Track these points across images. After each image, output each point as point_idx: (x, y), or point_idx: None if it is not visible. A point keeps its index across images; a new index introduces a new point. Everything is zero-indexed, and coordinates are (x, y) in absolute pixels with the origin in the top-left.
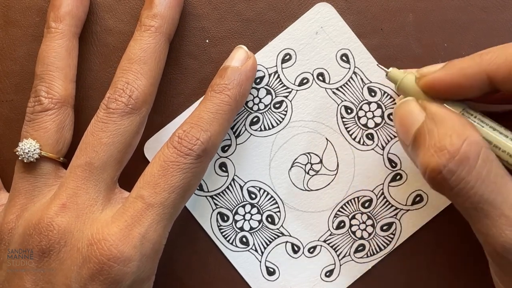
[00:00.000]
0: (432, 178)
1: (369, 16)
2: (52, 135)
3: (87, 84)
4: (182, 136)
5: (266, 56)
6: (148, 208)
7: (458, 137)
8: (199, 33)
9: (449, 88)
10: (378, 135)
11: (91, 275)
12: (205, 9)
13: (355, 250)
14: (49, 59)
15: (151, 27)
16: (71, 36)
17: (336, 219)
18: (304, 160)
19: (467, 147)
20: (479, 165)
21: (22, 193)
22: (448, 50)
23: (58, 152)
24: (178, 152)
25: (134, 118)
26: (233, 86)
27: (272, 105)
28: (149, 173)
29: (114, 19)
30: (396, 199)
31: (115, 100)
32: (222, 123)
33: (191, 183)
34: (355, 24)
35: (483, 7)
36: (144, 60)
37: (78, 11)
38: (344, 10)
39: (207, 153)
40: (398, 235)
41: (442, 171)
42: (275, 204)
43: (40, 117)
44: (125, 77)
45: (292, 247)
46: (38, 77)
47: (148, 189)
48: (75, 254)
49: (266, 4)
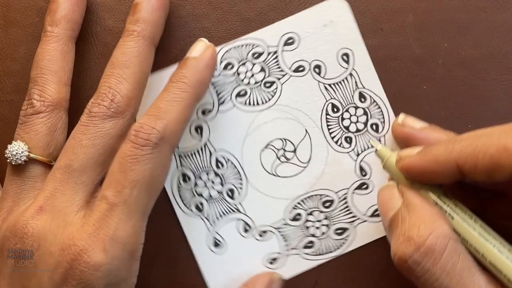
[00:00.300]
0: (398, 266)
1: (369, 16)
2: (42, 137)
3: (87, 84)
4: (138, 128)
5: (270, 34)
6: (112, 208)
7: (426, 228)
8: (199, 33)
9: (422, 173)
10: (357, 140)
11: (63, 279)
12: (205, 9)
13: (304, 245)
14: (43, 62)
15: (134, 31)
16: (67, 40)
17: (294, 210)
18: (278, 144)
19: (433, 239)
20: (444, 258)
21: (10, 196)
22: (448, 50)
23: (49, 155)
24: (135, 145)
25: (117, 121)
26: (190, 74)
27: (263, 83)
28: (109, 172)
29: (114, 19)
30: (357, 207)
31: (97, 105)
32: (179, 109)
33: (153, 175)
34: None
35: (483, 7)
36: (126, 64)
37: (74, 15)
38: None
39: (165, 141)
40: (350, 242)
41: (407, 261)
42: (239, 179)
43: (32, 120)
44: (107, 82)
45: (244, 226)
46: (32, 80)
47: (110, 189)
48: (48, 259)
49: (266, 4)
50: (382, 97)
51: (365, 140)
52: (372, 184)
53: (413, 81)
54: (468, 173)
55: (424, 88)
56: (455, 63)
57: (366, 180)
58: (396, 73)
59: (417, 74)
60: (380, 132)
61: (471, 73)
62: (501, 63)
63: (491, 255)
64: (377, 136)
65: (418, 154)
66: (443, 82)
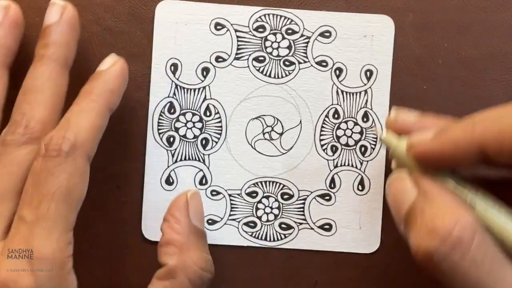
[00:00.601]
0: (423, 261)
1: None
2: None
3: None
4: (47, 141)
5: (311, 19)
6: (31, 227)
7: (451, 218)
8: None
9: (440, 159)
10: (341, 153)
11: None
12: None
13: (246, 222)
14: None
15: (43, 56)
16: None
17: (253, 187)
18: (269, 121)
19: (460, 230)
20: (473, 250)
21: None
22: (448, 50)
23: None
24: (46, 158)
25: (32, 147)
26: (98, 85)
27: (284, 60)
28: (24, 192)
29: (114, 19)
30: (310, 213)
31: (11, 132)
32: (89, 118)
33: (70, 185)
34: None
35: (483, 7)
36: (38, 90)
37: (6, 41)
38: (344, 10)
39: (77, 148)
40: (289, 240)
41: (433, 255)
42: (218, 134)
43: None
44: (20, 109)
45: (201, 179)
46: None
47: (25, 208)
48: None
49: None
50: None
51: (349, 157)
52: (335, 198)
53: (413, 81)
54: (493, 156)
55: (424, 88)
56: (455, 63)
57: (332, 192)
58: (396, 73)
59: (417, 74)
60: (365, 155)
61: (471, 73)
62: (501, 63)
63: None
64: (361, 159)
65: (434, 139)
66: (443, 82)
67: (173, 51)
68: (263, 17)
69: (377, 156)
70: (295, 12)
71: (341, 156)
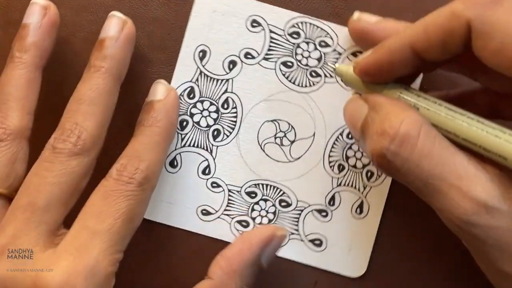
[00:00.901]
0: (379, 164)
1: None
2: (1, 168)
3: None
4: (120, 168)
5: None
6: (94, 237)
7: (396, 118)
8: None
9: (380, 69)
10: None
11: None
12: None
13: (239, 220)
14: (8, 88)
15: (101, 67)
16: (34, 68)
17: (253, 188)
18: (284, 127)
19: (406, 127)
20: (420, 142)
21: None
22: None
23: (8, 187)
24: (118, 182)
25: (82, 159)
26: (162, 118)
27: (311, 71)
28: (90, 203)
29: None
30: (304, 226)
31: (63, 141)
32: (157, 151)
33: (135, 212)
34: None
35: None
36: (94, 101)
37: (44, 43)
38: (344, 10)
39: (148, 181)
40: None
41: (386, 154)
42: (231, 128)
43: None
44: (73, 118)
45: (204, 169)
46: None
47: (91, 219)
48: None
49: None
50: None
51: (354, 177)
52: (331, 216)
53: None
54: (423, 52)
55: (424, 88)
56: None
57: (330, 209)
58: None
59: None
60: (370, 180)
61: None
62: None
63: (461, 130)
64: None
65: (372, 52)
66: (443, 82)
67: (205, 38)
68: (300, 24)
69: (381, 184)
70: (332, 26)
71: (346, 176)
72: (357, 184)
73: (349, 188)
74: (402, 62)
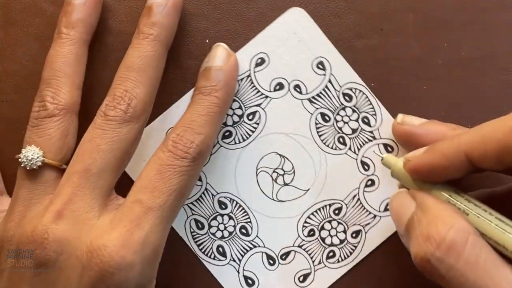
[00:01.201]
0: (422, 267)
1: (369, 16)
2: (55, 142)
3: (86, 84)
4: (176, 139)
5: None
6: (147, 211)
7: (444, 225)
8: (199, 33)
9: (432, 171)
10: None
11: (92, 283)
12: (205, 9)
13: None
14: (58, 64)
15: (150, 35)
16: (82, 43)
17: (227, 200)
18: (287, 167)
19: (453, 234)
20: (467, 252)
21: (21, 201)
22: (448, 50)
23: (61, 159)
24: (174, 156)
25: (132, 126)
26: (220, 87)
27: (340, 136)
28: (145, 177)
29: (114, 19)
30: (247, 261)
31: (113, 108)
32: (214, 124)
33: (188, 186)
34: (355, 24)
35: (483, 7)
36: (142, 68)
37: (90, 18)
38: (344, 10)
39: (202, 155)
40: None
41: (430, 260)
42: (244, 139)
43: (45, 123)
44: (123, 85)
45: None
46: (44, 82)
47: (146, 193)
48: (74, 262)
49: (266, 4)
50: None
51: (317, 249)
52: (276, 267)
53: (413, 81)
54: (478, 162)
55: (424, 88)
56: (455, 63)
57: (279, 262)
58: (396, 73)
59: (417, 74)
60: (327, 260)
61: (471, 73)
62: (501, 63)
63: (510, 243)
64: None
65: (425, 152)
66: (443, 82)
67: (271, 50)
68: (357, 91)
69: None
70: (383, 110)
71: (310, 243)
72: (315, 256)
73: (306, 255)
74: (455, 167)
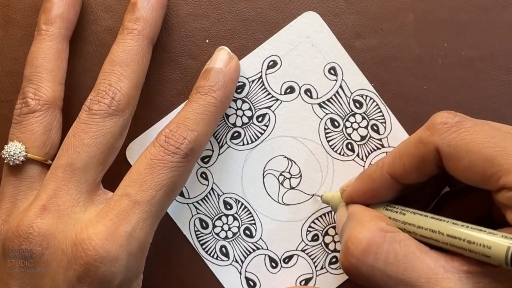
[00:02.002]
0: (347, 271)
1: (369, 16)
2: (38, 137)
3: (86, 84)
4: (169, 135)
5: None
6: (134, 205)
7: (362, 228)
8: (199, 33)
9: (364, 195)
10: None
11: (78, 276)
12: (205, 9)
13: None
14: (38, 60)
15: (134, 30)
16: (62, 39)
17: (232, 200)
18: (294, 171)
19: (369, 235)
20: (385, 250)
21: (7, 197)
22: (448, 50)
23: (45, 154)
24: (165, 151)
25: (117, 120)
26: (218, 88)
27: (349, 142)
28: (135, 171)
29: (114, 19)
30: (250, 263)
31: (97, 102)
32: (208, 123)
33: (178, 182)
34: (355, 24)
35: (483, 7)
36: (126, 63)
37: (69, 14)
38: (344, 10)
39: (194, 153)
40: None
41: (352, 263)
42: (252, 141)
43: (27, 119)
44: (107, 79)
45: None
46: (26, 79)
47: (134, 187)
48: (59, 256)
49: (266, 4)
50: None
51: (320, 254)
52: (278, 270)
53: (413, 81)
54: (402, 179)
55: (424, 88)
56: (455, 63)
57: (282, 265)
58: (396, 73)
59: (417, 74)
60: (330, 266)
61: (471, 73)
62: (501, 63)
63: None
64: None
65: (356, 180)
66: (443, 82)
67: (284, 53)
68: (368, 98)
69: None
70: (393, 119)
71: (314, 248)
72: (318, 261)
73: (309, 259)
74: (384, 188)
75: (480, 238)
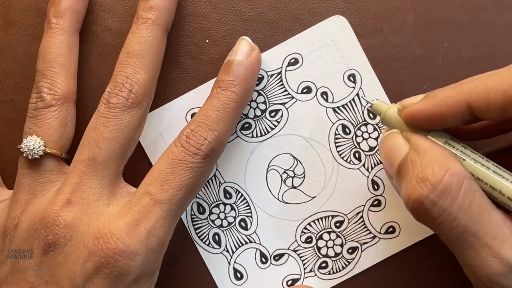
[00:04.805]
0: (414, 209)
1: (369, 16)
2: (55, 131)
3: (86, 84)
4: (189, 135)
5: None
6: (155, 204)
7: (440, 168)
8: (199, 33)
9: (430, 118)
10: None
11: (96, 268)
12: (205, 9)
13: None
14: (51, 55)
15: (148, 19)
16: (72, 32)
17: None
18: (298, 170)
19: (449, 178)
20: (461, 196)
21: (26, 189)
22: (448, 50)
23: (61, 148)
24: (186, 151)
25: (135, 112)
26: (239, 82)
27: (357, 151)
28: (157, 170)
29: (114, 19)
30: (240, 255)
31: (115, 95)
32: (228, 121)
33: (198, 182)
34: (355, 24)
35: (483, 7)
36: (142, 54)
37: (78, 6)
38: (344, 10)
39: (214, 152)
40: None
41: (424, 202)
42: (262, 134)
43: (43, 113)
44: (124, 71)
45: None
46: (39, 73)
47: (156, 186)
48: (80, 248)
49: (266, 4)
50: None
51: (311, 258)
52: (267, 266)
53: (413, 81)
54: (480, 112)
55: (424, 88)
56: (455, 63)
57: (271, 262)
58: (396, 73)
59: (417, 74)
60: (319, 270)
61: (471, 73)
62: (501, 63)
63: (508, 190)
64: (312, 268)
65: (424, 100)
66: (443, 82)
67: (307, 53)
68: None
69: (328, 280)
70: None
71: (306, 250)
72: (308, 263)
73: (299, 260)
74: (454, 116)
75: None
